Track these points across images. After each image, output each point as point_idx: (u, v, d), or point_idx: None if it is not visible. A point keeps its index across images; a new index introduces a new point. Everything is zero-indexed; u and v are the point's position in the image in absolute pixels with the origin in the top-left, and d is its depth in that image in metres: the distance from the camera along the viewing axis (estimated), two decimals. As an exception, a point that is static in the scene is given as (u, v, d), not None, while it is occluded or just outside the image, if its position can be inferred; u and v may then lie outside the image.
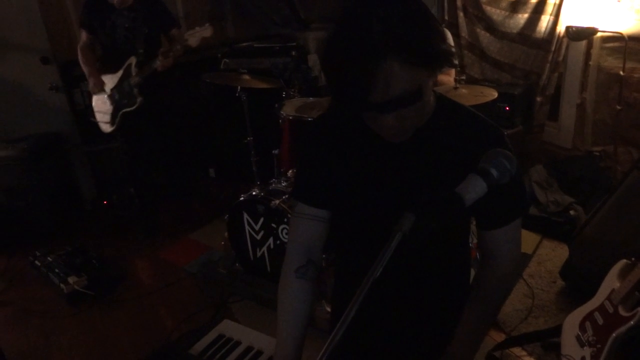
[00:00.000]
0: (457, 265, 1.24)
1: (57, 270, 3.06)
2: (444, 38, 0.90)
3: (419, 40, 0.85)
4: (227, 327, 1.39)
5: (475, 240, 2.19)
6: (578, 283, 2.59)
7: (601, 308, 1.91)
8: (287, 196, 2.67)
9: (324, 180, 1.14)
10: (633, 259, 1.96)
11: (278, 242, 2.69)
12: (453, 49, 1.02)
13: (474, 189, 0.80)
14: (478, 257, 2.25)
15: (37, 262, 3.20)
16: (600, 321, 1.86)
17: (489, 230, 1.12)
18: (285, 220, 2.59)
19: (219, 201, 3.98)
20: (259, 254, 2.82)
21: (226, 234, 2.94)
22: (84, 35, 3.23)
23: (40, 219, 3.69)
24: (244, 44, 4.33)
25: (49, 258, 3.20)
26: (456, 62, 3.61)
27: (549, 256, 3.00)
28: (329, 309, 2.29)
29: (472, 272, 1.30)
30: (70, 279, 2.94)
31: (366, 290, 0.75)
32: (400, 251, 0.78)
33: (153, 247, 3.47)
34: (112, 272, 3.14)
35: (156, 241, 3.54)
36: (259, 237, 2.78)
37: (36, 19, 3.54)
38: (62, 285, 2.93)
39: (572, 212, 3.12)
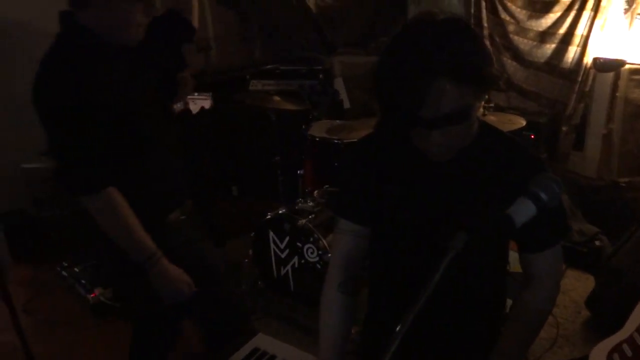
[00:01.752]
0: (494, 289, 1.26)
1: (83, 281, 3.11)
2: (492, 62, 0.95)
3: (470, 61, 0.90)
4: (262, 341, 1.41)
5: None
6: (604, 314, 2.57)
7: (630, 340, 1.88)
8: (313, 215, 2.71)
9: (367, 198, 1.17)
10: (663, 291, 1.95)
11: (303, 261, 2.71)
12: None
13: (524, 211, 0.83)
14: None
15: (64, 272, 3.26)
16: (629, 353, 1.84)
17: (532, 254, 1.14)
18: (311, 239, 2.62)
19: (241, 219, 4.01)
20: (282, 272, 2.84)
21: (251, 251, 2.97)
22: None
23: (66, 230, 3.77)
24: (271, 66, 4.42)
25: (75, 269, 3.26)
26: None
27: (574, 286, 2.97)
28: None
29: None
30: (97, 290, 2.99)
31: (418, 309, 0.77)
32: (449, 270, 0.80)
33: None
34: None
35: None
36: (283, 256, 2.80)
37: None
38: (88, 296, 2.98)
39: (597, 242, 3.10)
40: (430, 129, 0.95)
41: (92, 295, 2.97)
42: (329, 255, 2.59)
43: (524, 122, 2.69)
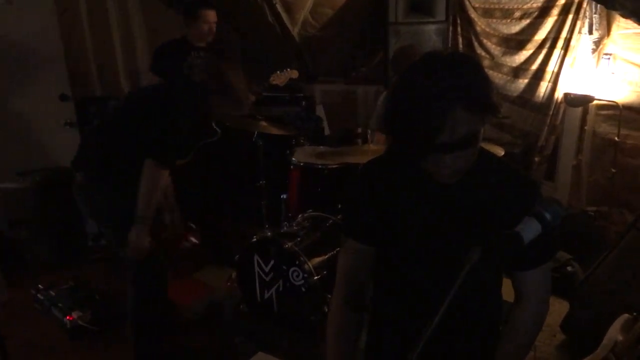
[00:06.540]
0: (491, 308, 1.33)
1: (60, 305, 3.04)
2: (494, 91, 1.06)
3: (481, 92, 1.01)
4: None
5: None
6: (579, 336, 2.67)
7: (605, 361, 1.98)
8: (299, 239, 2.74)
9: (374, 219, 1.24)
10: (635, 313, 2.06)
11: (288, 284, 2.73)
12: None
13: (531, 230, 0.90)
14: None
15: (39, 295, 3.18)
16: (605, 374, 1.93)
17: (525, 271, 1.22)
18: (297, 263, 2.64)
19: (224, 242, 4.00)
20: (266, 295, 2.85)
21: (234, 274, 2.98)
22: None
23: (42, 251, 3.70)
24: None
25: (51, 292, 3.19)
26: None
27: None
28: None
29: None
30: (74, 314, 2.93)
31: (438, 320, 0.83)
32: (463, 285, 0.87)
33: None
34: (116, 309, 3.12)
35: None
36: (268, 279, 2.81)
37: (59, 57, 3.67)
38: (65, 320, 2.91)
39: (569, 268, 3.23)
40: (445, 153, 1.04)
41: (69, 319, 2.91)
42: (315, 278, 2.62)
43: (502, 152, 2.81)
